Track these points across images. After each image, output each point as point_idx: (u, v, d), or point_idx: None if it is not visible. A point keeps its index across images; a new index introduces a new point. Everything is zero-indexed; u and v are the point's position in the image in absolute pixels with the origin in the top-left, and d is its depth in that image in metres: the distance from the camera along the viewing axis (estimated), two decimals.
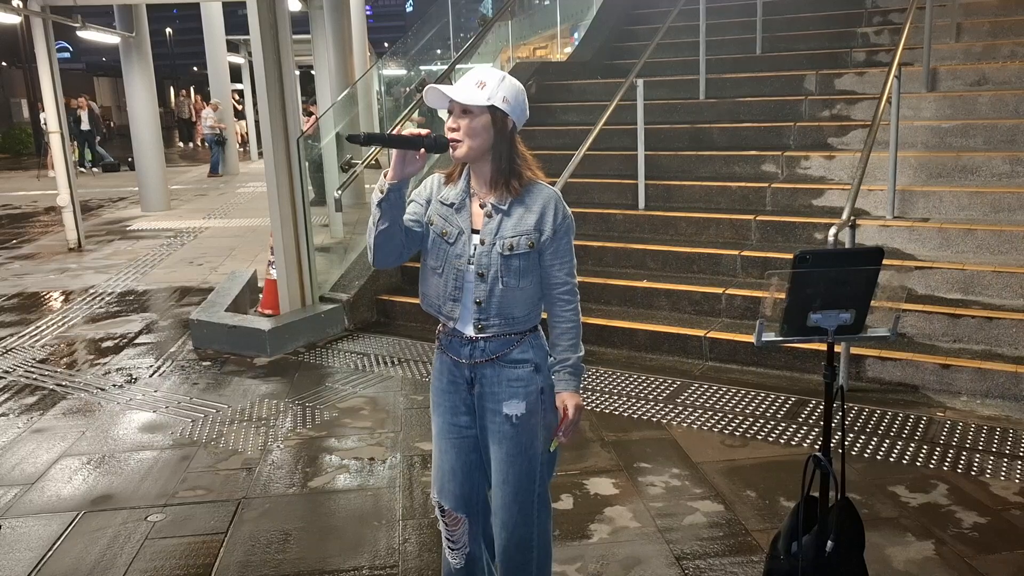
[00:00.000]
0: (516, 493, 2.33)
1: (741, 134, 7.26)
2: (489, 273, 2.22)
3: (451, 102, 2.16)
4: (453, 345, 2.32)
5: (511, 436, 2.30)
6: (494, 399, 2.30)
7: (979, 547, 3.10)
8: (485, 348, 2.28)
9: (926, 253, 5.38)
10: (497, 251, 2.21)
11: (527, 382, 2.30)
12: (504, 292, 2.22)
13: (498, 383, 2.29)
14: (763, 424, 4.26)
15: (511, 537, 2.36)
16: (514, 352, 2.29)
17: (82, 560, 3.22)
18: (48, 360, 5.77)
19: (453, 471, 2.39)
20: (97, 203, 14.18)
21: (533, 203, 2.24)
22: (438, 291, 2.29)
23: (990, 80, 6.87)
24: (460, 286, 2.25)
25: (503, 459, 2.32)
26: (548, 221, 2.24)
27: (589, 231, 6.63)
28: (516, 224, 2.22)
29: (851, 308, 2.33)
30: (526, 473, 2.33)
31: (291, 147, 6.00)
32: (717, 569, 3.02)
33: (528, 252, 2.22)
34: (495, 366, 2.29)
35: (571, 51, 10.78)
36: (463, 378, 2.34)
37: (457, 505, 2.41)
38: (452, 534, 2.46)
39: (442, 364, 2.38)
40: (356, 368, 5.37)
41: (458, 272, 2.24)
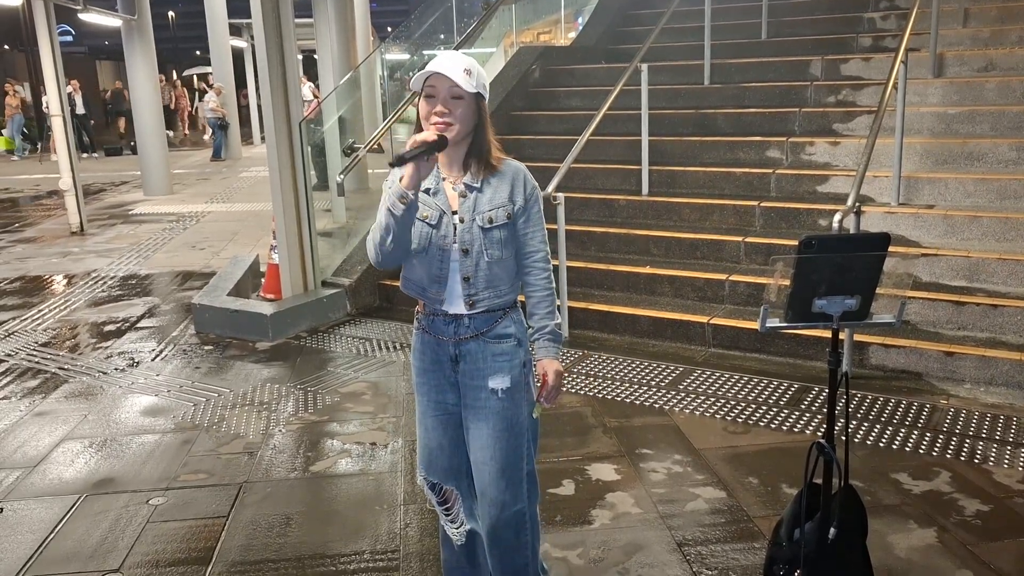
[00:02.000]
0: (504, 470, 2.34)
1: (746, 120, 7.22)
2: (473, 248, 2.27)
3: (434, 87, 2.20)
4: (436, 324, 2.35)
5: (497, 411, 2.34)
6: (479, 375, 2.34)
7: (982, 535, 3.09)
8: (470, 324, 2.32)
9: (931, 240, 5.35)
10: (478, 225, 2.27)
11: (511, 356, 2.35)
12: (489, 265, 2.28)
13: (483, 359, 2.33)
14: (766, 411, 4.25)
15: (501, 515, 2.36)
16: (498, 327, 2.34)
17: (84, 543, 3.23)
18: (50, 344, 5.77)
19: (441, 446, 2.43)
20: (99, 187, 14.17)
21: (503, 177, 2.32)
22: (422, 273, 2.31)
23: (998, 66, 6.82)
24: (445, 265, 2.28)
25: (490, 435, 2.34)
26: (519, 191, 2.33)
27: (592, 217, 6.61)
28: (491, 198, 2.29)
29: (856, 294, 2.32)
30: (514, 449, 2.36)
31: (293, 131, 5.97)
32: (719, 555, 3.01)
33: (506, 223, 2.30)
34: (479, 342, 2.33)
35: (575, 36, 10.71)
36: (447, 356, 2.36)
37: (447, 478, 2.46)
38: (449, 511, 2.49)
39: (424, 344, 2.40)
40: (358, 353, 5.36)
41: (443, 252, 2.27)
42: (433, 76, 2.20)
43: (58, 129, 9.86)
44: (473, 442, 2.38)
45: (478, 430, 2.36)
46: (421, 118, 2.26)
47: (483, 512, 2.40)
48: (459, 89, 2.19)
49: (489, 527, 2.40)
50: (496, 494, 2.35)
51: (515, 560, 2.43)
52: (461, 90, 2.19)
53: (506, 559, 2.42)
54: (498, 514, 2.37)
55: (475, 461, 2.39)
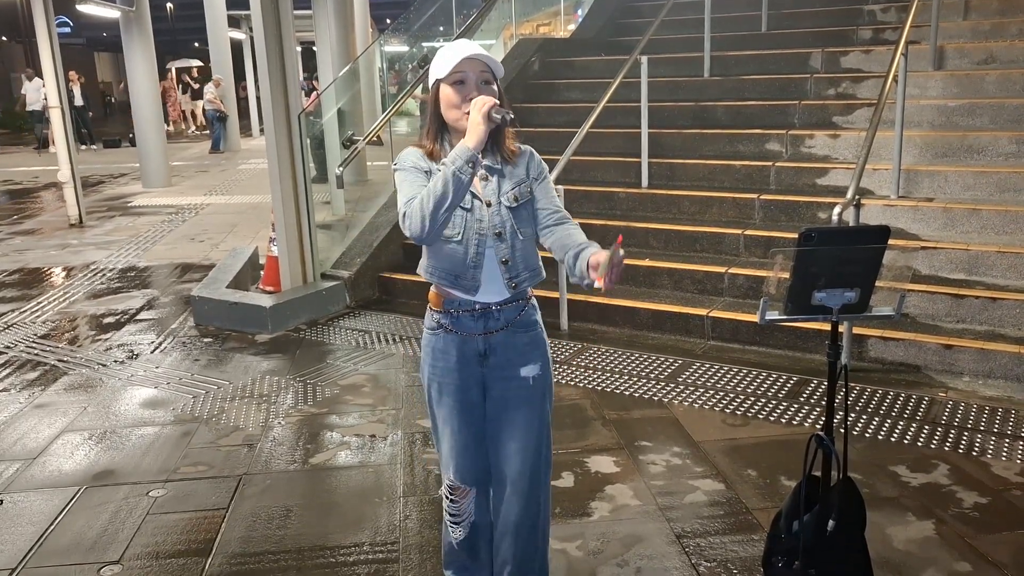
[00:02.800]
0: (533, 459, 2.35)
1: (745, 112, 7.21)
2: (506, 230, 2.25)
3: (463, 72, 2.16)
4: (461, 320, 2.30)
5: (527, 399, 2.33)
6: (510, 365, 2.32)
7: (980, 527, 3.10)
8: (500, 316, 2.29)
9: (930, 233, 5.35)
10: (506, 207, 2.25)
11: (539, 342, 2.36)
12: (523, 244, 2.28)
13: (513, 349, 2.32)
14: (765, 403, 4.25)
15: (528, 505, 2.37)
16: (524, 315, 2.33)
17: (84, 534, 3.23)
18: (49, 336, 5.77)
19: (467, 447, 2.38)
20: (98, 179, 14.15)
21: (517, 158, 2.31)
22: (456, 260, 2.24)
23: (998, 59, 6.80)
24: (481, 252, 2.24)
25: (521, 425, 2.32)
26: (533, 168, 2.32)
27: (592, 209, 6.60)
28: (510, 178, 2.28)
29: (856, 287, 2.32)
30: (541, 437, 2.36)
31: (292, 124, 5.96)
32: (718, 547, 3.02)
33: (530, 199, 2.29)
34: (508, 332, 2.31)
35: (574, 28, 10.69)
36: (474, 352, 2.32)
37: (473, 479, 2.42)
38: (458, 508, 2.46)
39: (447, 343, 2.33)
40: (357, 345, 5.37)
41: (480, 237, 2.23)
42: (463, 61, 2.15)
43: (56, 121, 9.84)
44: (502, 432, 2.35)
45: (509, 420, 2.33)
46: (446, 106, 2.19)
47: (508, 502, 2.38)
48: (489, 74, 2.17)
49: (516, 517, 2.38)
50: (525, 484, 2.35)
51: (535, 547, 2.45)
52: (491, 75, 2.17)
53: (528, 546, 2.43)
54: (525, 504, 2.37)
55: (504, 452, 2.35)
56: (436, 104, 2.23)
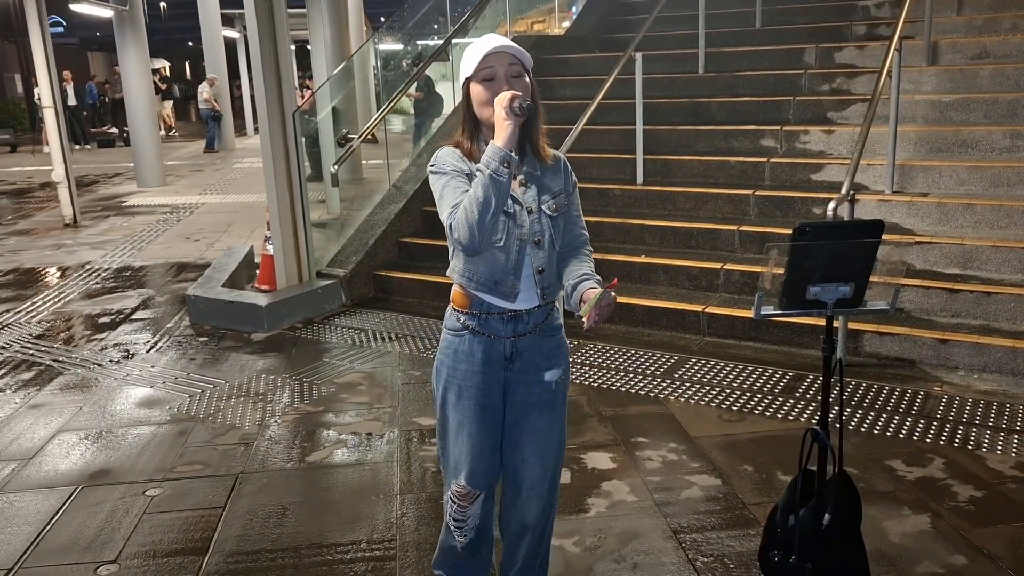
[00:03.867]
0: (552, 464, 2.35)
1: (740, 108, 7.21)
2: (545, 239, 2.21)
3: (491, 68, 2.09)
4: (490, 323, 2.23)
5: (549, 404, 2.31)
6: (535, 369, 2.29)
7: (975, 520, 3.11)
8: (528, 320, 2.25)
9: (925, 228, 5.36)
10: (547, 215, 2.21)
11: (561, 347, 2.35)
12: (554, 255, 2.25)
13: (539, 353, 2.29)
14: (760, 399, 4.26)
15: (544, 508, 2.38)
16: (551, 320, 2.30)
17: (80, 534, 3.23)
18: (45, 336, 5.76)
19: (482, 452, 2.32)
20: (92, 179, 14.11)
21: (556, 164, 2.27)
22: (496, 267, 2.17)
23: (991, 53, 6.82)
24: (521, 258, 2.18)
25: (543, 429, 2.31)
26: (569, 179, 2.30)
27: (587, 206, 6.45)
28: (549, 187, 2.23)
29: (851, 281, 2.32)
30: (560, 441, 2.37)
31: (287, 122, 5.95)
32: (714, 542, 3.03)
33: (567, 211, 2.26)
34: (535, 336, 2.27)
35: (569, 25, 10.67)
36: (500, 355, 2.26)
37: (484, 484, 2.37)
38: (464, 513, 2.41)
39: (472, 345, 2.26)
40: (353, 343, 5.36)
41: (521, 244, 2.17)
42: (490, 56, 2.07)
43: (50, 121, 9.82)
44: (522, 436, 2.32)
45: (531, 424, 2.31)
46: (478, 104, 2.13)
47: (525, 506, 2.37)
48: (519, 66, 2.10)
49: (532, 520, 2.39)
50: (543, 488, 2.35)
51: (539, 548, 2.48)
52: (521, 67, 2.09)
53: (535, 548, 2.46)
54: (543, 507, 2.38)
55: (525, 456, 2.33)
56: (468, 103, 2.16)
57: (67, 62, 22.54)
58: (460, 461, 2.33)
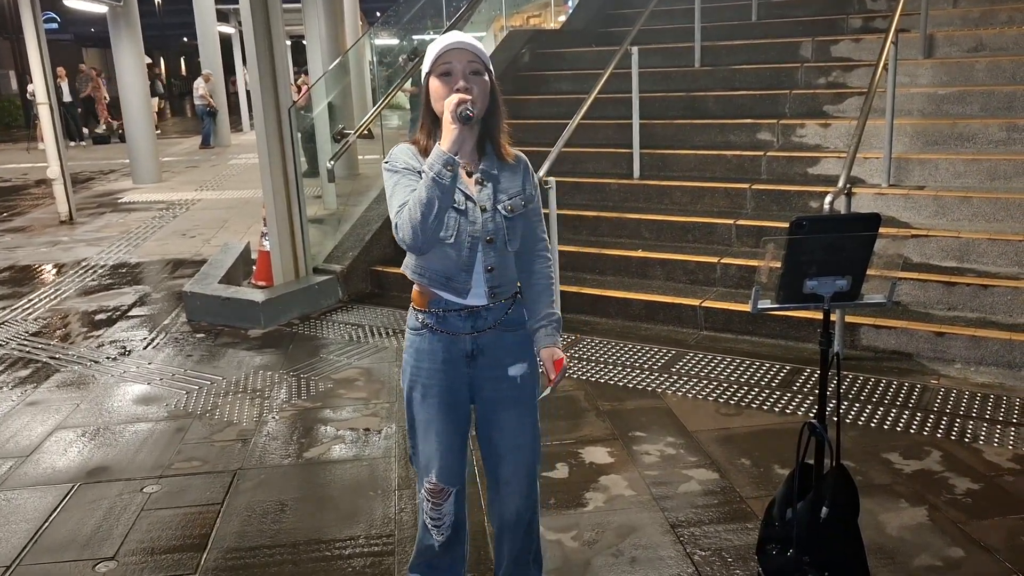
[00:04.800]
0: (527, 458, 2.35)
1: (736, 102, 7.20)
2: (498, 238, 2.21)
3: (449, 64, 2.10)
4: (448, 320, 2.27)
5: (516, 398, 2.32)
6: (498, 365, 2.30)
7: (972, 513, 3.12)
8: (488, 317, 2.26)
9: (922, 221, 5.36)
10: (502, 215, 2.21)
11: (524, 342, 2.34)
12: (508, 256, 2.25)
13: (501, 348, 2.29)
14: (758, 392, 4.26)
15: (525, 502, 2.38)
16: (511, 315, 2.30)
17: (78, 531, 3.23)
18: (41, 333, 5.74)
19: (451, 448, 2.33)
20: (88, 175, 14.07)
21: (516, 165, 2.27)
22: (448, 263, 2.20)
23: (987, 46, 6.81)
24: (473, 255, 2.20)
25: (513, 424, 2.32)
26: (529, 181, 2.29)
27: (583, 201, 6.60)
28: (507, 187, 2.23)
29: (847, 275, 2.32)
30: (531, 434, 2.36)
31: (283, 118, 5.94)
32: (712, 536, 3.03)
33: (524, 212, 2.26)
34: (496, 332, 2.28)
35: (565, 19, 10.66)
36: (461, 352, 2.28)
37: (454, 480, 2.38)
38: (439, 511, 2.40)
39: (432, 343, 2.29)
40: (350, 339, 5.36)
41: (472, 240, 2.19)
42: (449, 51, 2.09)
43: (45, 117, 9.79)
44: (493, 433, 2.34)
45: (501, 420, 2.32)
46: (435, 100, 2.13)
47: (505, 501, 2.38)
48: (479, 64, 2.11)
49: (512, 516, 2.39)
50: (519, 483, 2.35)
51: (529, 543, 2.47)
52: (480, 65, 2.11)
53: (524, 543, 2.45)
54: (522, 503, 2.37)
55: (497, 452, 2.35)
56: (428, 98, 2.17)
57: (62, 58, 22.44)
58: (430, 459, 2.34)
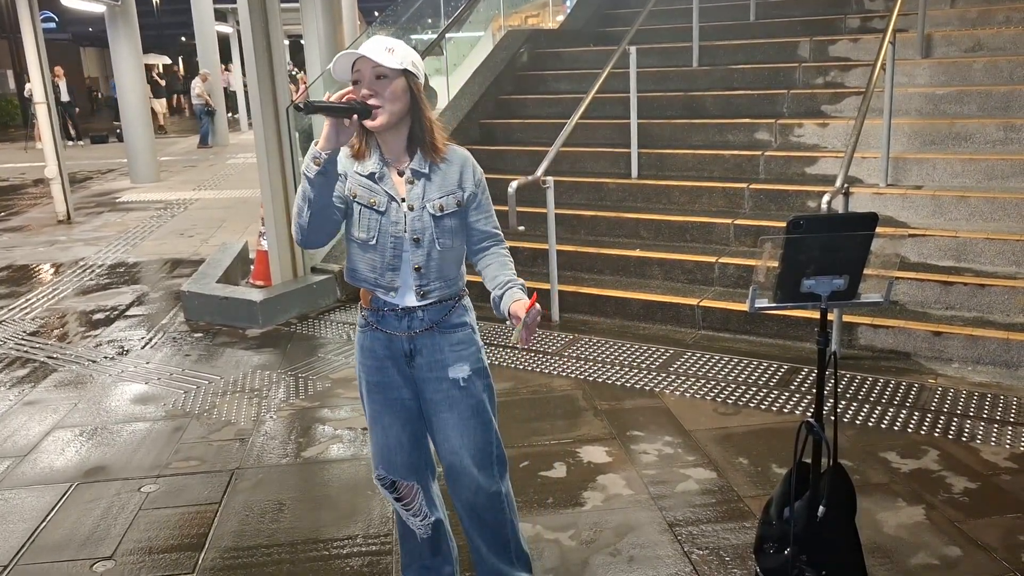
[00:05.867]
0: (474, 455, 2.35)
1: (734, 102, 7.21)
2: (425, 237, 2.22)
3: (359, 72, 2.13)
4: (387, 319, 2.30)
5: (460, 400, 2.32)
6: (439, 366, 2.31)
7: (969, 511, 3.12)
8: (424, 317, 2.28)
9: (919, 221, 5.37)
10: (429, 213, 2.22)
11: (468, 344, 2.34)
12: (441, 253, 2.25)
13: (439, 350, 2.30)
14: (755, 392, 4.27)
15: (477, 497, 2.38)
16: (452, 317, 2.31)
17: (76, 531, 3.23)
18: (39, 332, 5.74)
19: (400, 443, 2.38)
20: (85, 175, 14.06)
21: (451, 163, 2.27)
22: (373, 264, 2.24)
23: (985, 46, 6.82)
24: (398, 255, 2.22)
25: (456, 424, 2.33)
26: (468, 178, 2.29)
27: (582, 200, 6.60)
28: (440, 185, 2.24)
29: (844, 274, 2.32)
30: (482, 435, 2.36)
31: (281, 117, 5.93)
32: (710, 535, 3.04)
33: (456, 210, 2.26)
34: (434, 334, 2.29)
35: (563, 19, 10.66)
36: (400, 352, 2.31)
37: (408, 474, 2.41)
38: (410, 506, 2.45)
39: (373, 341, 2.34)
40: (348, 339, 5.36)
41: (395, 240, 2.21)
42: (357, 60, 2.13)
43: (43, 117, 9.77)
44: (440, 433, 2.36)
45: (444, 421, 2.34)
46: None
47: (461, 497, 2.40)
48: (382, 68, 2.12)
49: (469, 510, 2.41)
50: (471, 479, 2.36)
51: (498, 538, 2.47)
52: (384, 68, 2.12)
53: (489, 538, 2.46)
54: (474, 498, 2.38)
55: (445, 451, 2.37)
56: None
57: (59, 58, 22.42)
58: (376, 452, 2.41)
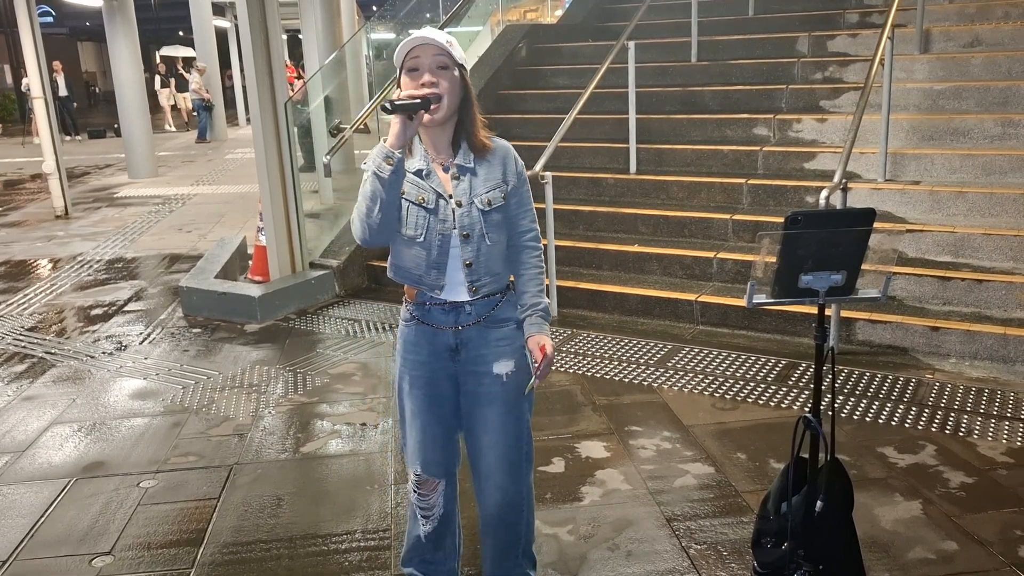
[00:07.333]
0: (507, 453, 2.34)
1: (733, 97, 7.20)
2: (474, 232, 2.21)
3: (417, 59, 2.11)
4: (433, 314, 2.28)
5: (500, 396, 2.32)
6: (482, 361, 2.30)
7: (966, 506, 3.13)
8: (471, 312, 2.27)
9: (917, 216, 5.37)
10: (477, 208, 2.21)
11: (512, 340, 2.33)
12: (489, 248, 2.24)
13: (485, 345, 2.30)
14: (754, 387, 4.27)
15: (504, 497, 2.38)
16: (498, 311, 2.30)
17: (75, 526, 3.23)
18: (37, 328, 5.74)
19: (436, 440, 2.37)
20: (83, 170, 14.04)
21: (494, 157, 2.26)
22: (419, 260, 2.22)
23: (983, 41, 6.82)
24: (445, 251, 2.21)
25: (494, 420, 2.32)
26: (511, 171, 2.28)
27: (580, 195, 6.60)
28: (485, 180, 2.23)
29: (842, 269, 2.32)
30: (515, 432, 2.35)
31: (279, 112, 5.93)
32: (708, 530, 3.04)
33: (503, 204, 2.25)
34: (480, 328, 2.29)
35: (562, 13, 10.66)
36: (445, 346, 2.30)
37: (439, 471, 2.41)
38: (427, 501, 2.44)
39: (418, 336, 2.32)
40: (347, 334, 5.36)
41: (443, 237, 2.20)
42: (416, 47, 2.11)
43: (40, 111, 9.75)
44: (475, 428, 2.35)
45: (483, 416, 2.33)
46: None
47: (486, 496, 2.39)
48: (445, 58, 2.11)
49: (493, 510, 2.40)
50: (500, 478, 2.36)
51: (514, 540, 2.47)
52: (447, 59, 2.11)
53: (506, 540, 2.46)
54: (502, 498, 2.38)
55: (478, 447, 2.36)
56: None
57: (57, 52, 22.38)
58: (415, 449, 2.38)
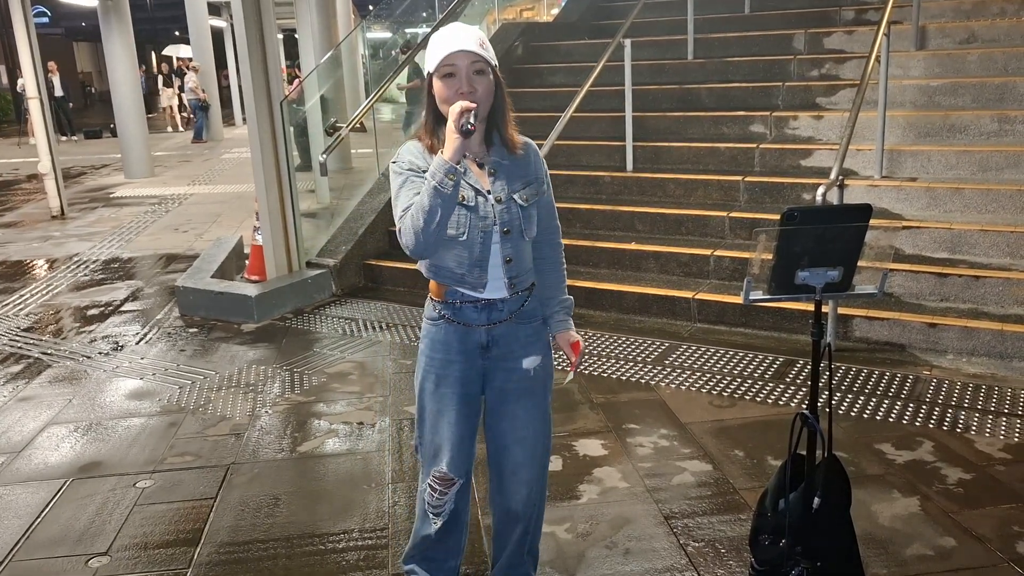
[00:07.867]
0: (534, 448, 2.36)
1: (729, 95, 7.20)
2: (514, 228, 2.20)
3: (452, 65, 2.08)
4: (464, 312, 2.25)
5: (529, 390, 2.33)
6: (512, 357, 2.30)
7: (964, 502, 3.13)
8: (504, 308, 2.26)
9: (914, 213, 5.37)
10: (517, 204, 2.20)
11: (539, 334, 2.35)
12: (526, 245, 2.25)
13: (515, 340, 2.29)
14: (751, 384, 4.27)
15: (530, 492, 2.39)
16: (527, 307, 2.30)
17: (71, 527, 3.22)
18: (33, 328, 5.72)
19: (462, 439, 2.34)
20: (79, 170, 14.02)
21: (525, 152, 2.26)
22: (461, 259, 2.18)
23: (979, 38, 6.82)
24: (487, 249, 2.18)
25: (522, 415, 2.33)
26: (539, 165, 2.29)
27: (577, 194, 6.60)
28: (520, 175, 2.23)
29: (839, 266, 2.32)
30: (541, 426, 2.37)
31: (275, 111, 5.91)
32: (705, 527, 3.04)
33: (538, 199, 2.25)
34: (510, 324, 2.28)
35: (558, 11, 10.64)
36: (475, 344, 2.28)
37: (462, 471, 2.38)
38: (441, 499, 2.41)
39: (448, 334, 2.28)
40: (344, 333, 5.35)
41: (484, 235, 2.17)
42: (453, 54, 2.07)
43: (36, 112, 9.73)
44: (502, 423, 2.34)
45: (511, 412, 2.33)
46: (439, 101, 2.11)
47: (510, 491, 2.38)
48: (482, 63, 2.09)
49: (519, 507, 2.40)
50: (527, 474, 2.36)
51: (535, 534, 2.50)
52: (484, 64, 2.10)
53: (527, 533, 2.47)
54: (528, 493, 2.38)
55: (505, 443, 2.35)
56: (431, 98, 2.15)
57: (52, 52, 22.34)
58: (441, 449, 2.34)
